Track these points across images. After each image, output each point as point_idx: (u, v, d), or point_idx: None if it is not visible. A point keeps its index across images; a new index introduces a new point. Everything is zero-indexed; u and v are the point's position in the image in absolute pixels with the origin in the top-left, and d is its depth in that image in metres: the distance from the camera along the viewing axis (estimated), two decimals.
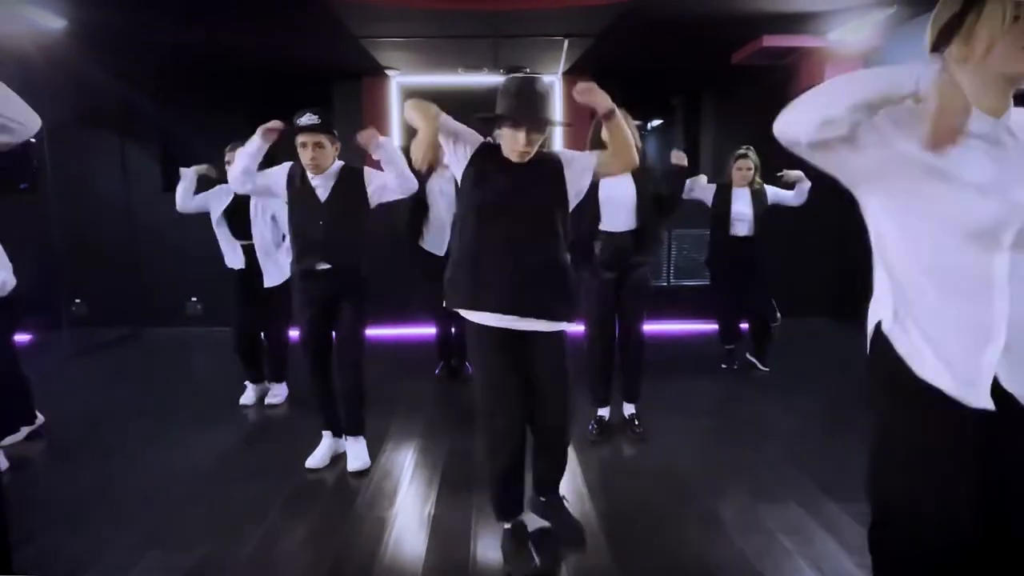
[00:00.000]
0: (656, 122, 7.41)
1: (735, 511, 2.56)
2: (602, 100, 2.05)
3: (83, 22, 4.20)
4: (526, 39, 4.90)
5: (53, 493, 2.77)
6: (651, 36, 4.77)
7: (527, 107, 1.98)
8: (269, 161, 2.91)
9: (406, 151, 2.57)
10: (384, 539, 2.39)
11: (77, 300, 5.91)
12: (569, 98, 6.07)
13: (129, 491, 2.78)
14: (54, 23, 4.11)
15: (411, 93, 6.15)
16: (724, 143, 6.19)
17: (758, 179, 4.37)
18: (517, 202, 2.04)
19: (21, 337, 4.88)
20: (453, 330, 4.35)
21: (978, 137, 1.24)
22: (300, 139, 2.72)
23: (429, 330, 4.78)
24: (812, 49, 4.78)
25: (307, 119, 2.69)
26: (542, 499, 2.30)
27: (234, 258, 3.81)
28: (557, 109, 6.21)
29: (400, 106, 6.17)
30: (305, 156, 2.74)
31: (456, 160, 2.12)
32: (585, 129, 3.37)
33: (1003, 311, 1.21)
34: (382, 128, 6.16)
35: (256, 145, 2.77)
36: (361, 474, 2.93)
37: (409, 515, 2.58)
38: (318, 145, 2.72)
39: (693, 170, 6.68)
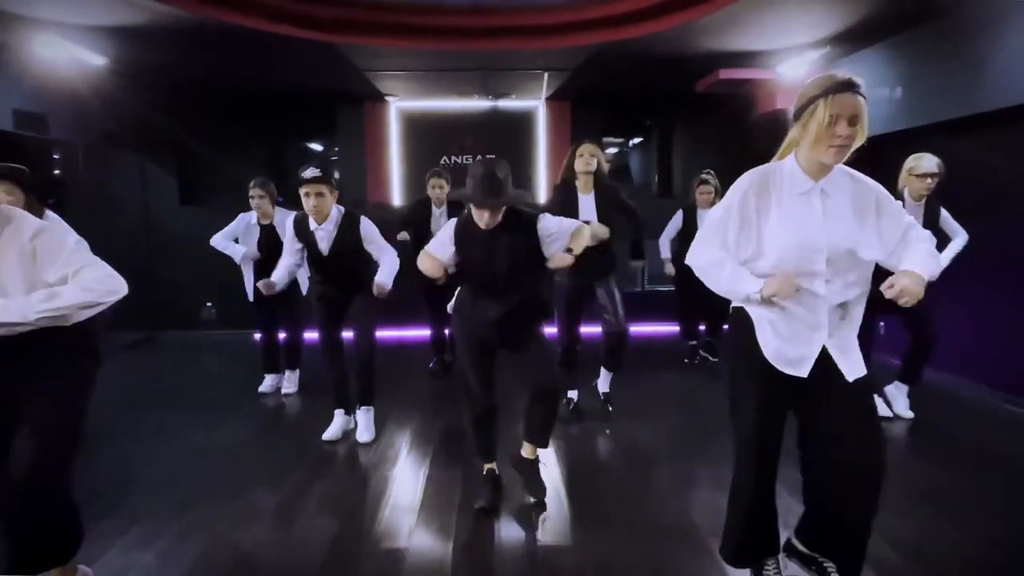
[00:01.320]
0: (636, 140, 8.02)
1: (687, 479, 3.10)
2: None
3: (120, 60, 4.80)
4: (511, 72, 5.52)
5: (100, 470, 3.17)
6: (621, 70, 5.39)
7: (486, 192, 2.40)
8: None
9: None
10: (387, 491, 2.93)
11: None
12: (550, 123, 6.74)
13: (166, 466, 3.24)
14: (97, 60, 4.70)
15: (409, 118, 6.77)
16: (693, 158, 6.82)
17: (719, 200, 4.93)
18: (491, 264, 2.56)
19: None
20: (447, 331, 4.90)
21: (803, 195, 1.80)
22: (303, 189, 3.13)
23: (425, 332, 5.31)
24: (763, 80, 5.41)
25: (310, 172, 3.11)
26: (523, 454, 2.80)
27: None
28: (540, 133, 6.83)
29: (398, 128, 6.76)
30: (308, 204, 3.17)
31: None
32: (563, 154, 3.89)
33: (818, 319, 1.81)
34: (380, 147, 6.76)
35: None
36: (368, 444, 3.47)
37: (408, 474, 3.12)
38: (319, 194, 3.15)
39: (667, 184, 7.35)
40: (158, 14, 3.86)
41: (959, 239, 3.58)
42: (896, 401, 3.75)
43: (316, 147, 7.49)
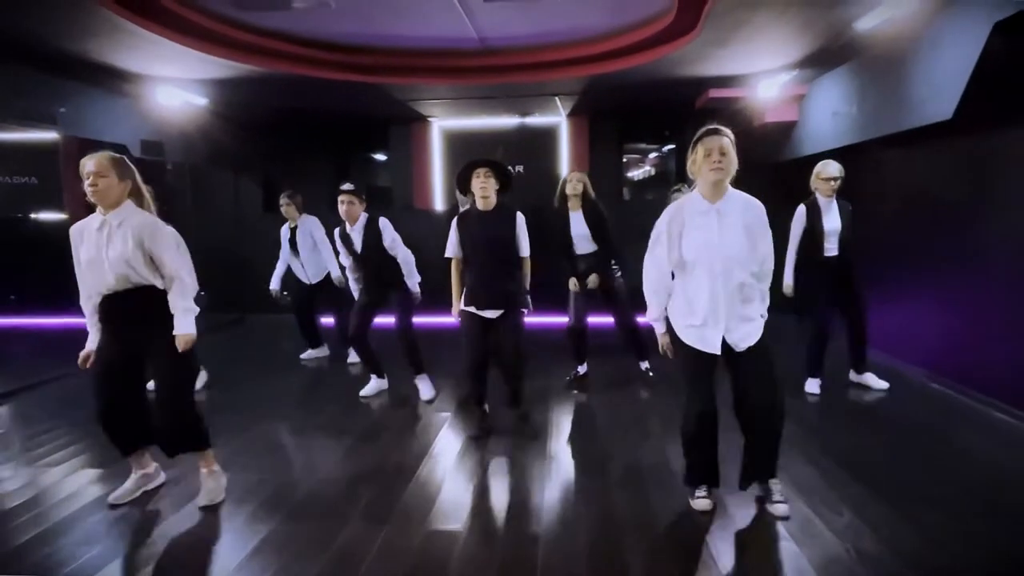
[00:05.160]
0: (668, 147, 8.83)
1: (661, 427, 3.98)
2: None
3: (218, 101, 6.15)
4: (530, 97, 6.49)
5: (210, 402, 4.46)
6: (621, 92, 6.24)
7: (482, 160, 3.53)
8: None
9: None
10: (422, 421, 3.98)
11: (202, 292, 7.86)
12: (571, 136, 7.65)
13: (247, 409, 4.41)
14: (200, 101, 6.07)
15: (449, 135, 7.86)
16: None
17: None
18: (485, 242, 3.52)
19: None
20: None
21: (701, 214, 2.57)
22: (340, 198, 4.18)
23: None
24: (750, 97, 6.10)
25: (345, 186, 4.21)
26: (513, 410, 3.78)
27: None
28: (563, 145, 7.75)
29: (440, 143, 7.88)
30: (341, 209, 4.18)
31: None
32: (584, 163, 4.73)
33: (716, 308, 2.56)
34: (423, 161, 7.89)
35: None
36: (429, 402, 4.45)
37: (436, 413, 4.16)
38: (350, 202, 4.19)
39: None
40: (246, 70, 5.12)
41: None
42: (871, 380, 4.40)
43: (378, 157, 8.77)
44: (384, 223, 4.29)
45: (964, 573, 2.23)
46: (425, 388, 4.53)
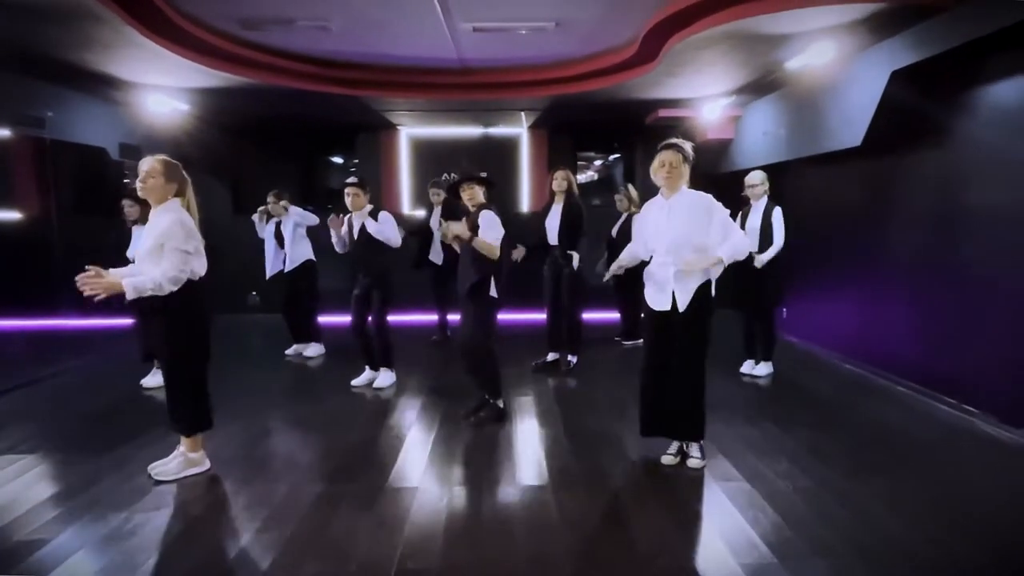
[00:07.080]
0: (613, 156, 9.56)
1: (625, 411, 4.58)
2: (462, 233, 3.86)
3: (199, 106, 6.36)
4: (495, 111, 7.02)
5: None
6: (579, 111, 6.88)
7: (465, 174, 4.03)
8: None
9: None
10: (400, 407, 4.44)
11: None
12: (531, 147, 8.24)
13: (240, 392, 4.76)
14: (182, 107, 6.26)
15: (416, 143, 8.28)
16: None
17: (634, 208, 6.16)
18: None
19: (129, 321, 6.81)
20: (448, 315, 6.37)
21: (658, 208, 3.23)
22: (345, 191, 4.68)
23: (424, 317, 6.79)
24: (694, 117, 6.87)
25: (349, 180, 4.76)
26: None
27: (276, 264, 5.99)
28: (523, 155, 8.34)
29: (407, 150, 8.29)
30: (348, 201, 4.72)
31: None
32: (542, 171, 5.29)
33: (667, 277, 3.20)
34: (391, 167, 8.29)
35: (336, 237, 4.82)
36: (382, 389, 4.92)
37: (410, 398, 4.62)
38: (355, 195, 4.72)
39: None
40: (228, 80, 5.41)
41: (774, 246, 4.76)
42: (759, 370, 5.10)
43: (341, 161, 9.07)
44: (384, 215, 4.76)
45: (867, 496, 2.94)
46: (386, 378, 4.97)
